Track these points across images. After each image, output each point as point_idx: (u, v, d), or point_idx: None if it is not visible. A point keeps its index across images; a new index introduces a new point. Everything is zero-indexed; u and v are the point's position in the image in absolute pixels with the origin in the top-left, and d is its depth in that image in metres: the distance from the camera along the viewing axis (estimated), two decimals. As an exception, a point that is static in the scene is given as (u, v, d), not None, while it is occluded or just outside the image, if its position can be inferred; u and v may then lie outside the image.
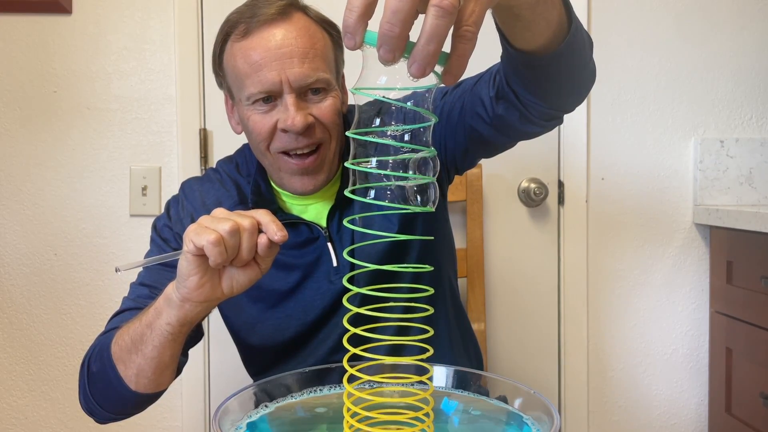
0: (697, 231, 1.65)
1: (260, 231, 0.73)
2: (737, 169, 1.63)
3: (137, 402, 0.87)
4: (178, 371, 0.91)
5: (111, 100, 1.61)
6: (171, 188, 1.60)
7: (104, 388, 0.87)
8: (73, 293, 1.63)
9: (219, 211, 0.75)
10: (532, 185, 1.60)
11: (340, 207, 0.99)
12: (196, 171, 1.58)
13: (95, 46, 1.60)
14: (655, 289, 1.65)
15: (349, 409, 0.57)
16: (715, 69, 1.64)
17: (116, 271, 0.75)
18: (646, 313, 1.65)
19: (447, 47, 0.48)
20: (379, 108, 0.54)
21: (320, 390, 0.75)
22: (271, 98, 0.91)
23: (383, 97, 0.51)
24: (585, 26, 1.56)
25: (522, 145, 1.69)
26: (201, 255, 0.71)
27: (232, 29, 0.92)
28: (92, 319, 1.62)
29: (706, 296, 1.64)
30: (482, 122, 0.88)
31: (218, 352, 1.62)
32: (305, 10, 0.95)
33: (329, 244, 0.98)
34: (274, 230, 0.72)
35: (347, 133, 0.56)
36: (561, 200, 1.64)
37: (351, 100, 1.01)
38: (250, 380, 1.20)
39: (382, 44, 0.46)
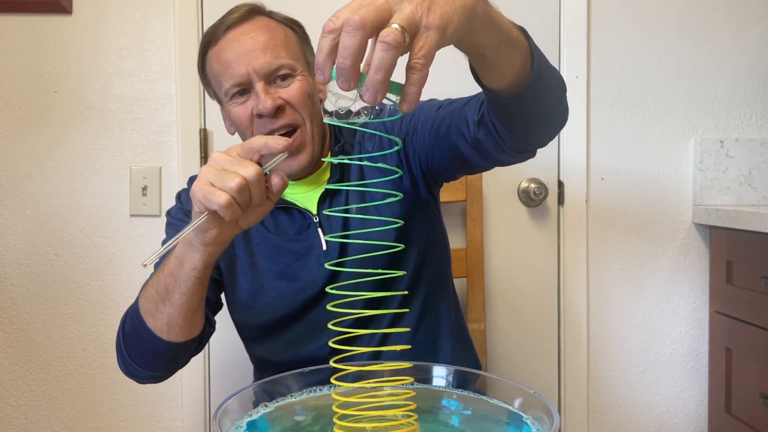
0: (696, 231, 1.65)
1: (259, 163, 0.73)
2: (737, 169, 1.63)
3: (172, 354, 0.91)
4: (203, 343, 0.96)
5: (111, 100, 1.61)
6: (171, 188, 1.60)
7: (138, 345, 0.91)
8: (73, 293, 1.63)
9: (217, 157, 0.74)
10: (532, 185, 1.60)
11: (330, 194, 1.06)
12: (196, 171, 1.58)
13: (95, 46, 1.60)
14: (655, 289, 1.65)
15: (336, 400, 0.58)
16: (715, 69, 1.64)
17: (143, 266, 0.75)
18: (646, 313, 1.65)
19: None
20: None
21: (320, 390, 0.76)
22: (245, 91, 1.00)
23: (354, 125, 0.61)
24: (585, 26, 1.58)
25: (522, 145, 1.65)
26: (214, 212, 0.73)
27: (208, 40, 1.04)
28: (92, 319, 1.63)
29: (706, 296, 1.64)
30: (464, 142, 0.93)
31: (218, 352, 1.62)
32: (269, 14, 1.05)
33: (319, 230, 1.04)
34: (276, 144, 0.73)
35: (329, 159, 0.72)
36: (561, 200, 1.64)
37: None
38: (250, 380, 1.20)
39: (339, 75, 0.54)
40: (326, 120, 0.61)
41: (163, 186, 1.61)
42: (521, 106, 0.78)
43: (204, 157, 1.60)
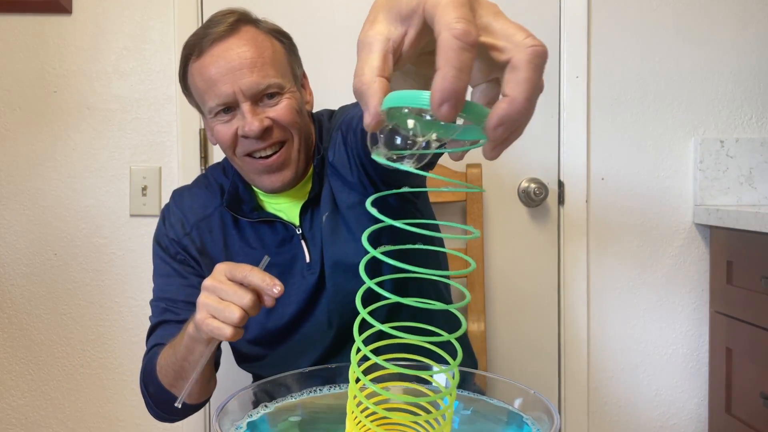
0: (697, 231, 1.65)
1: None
2: (737, 169, 1.63)
3: (196, 407, 1.03)
4: (216, 365, 1.05)
5: (111, 100, 1.61)
6: (171, 188, 1.59)
7: (166, 404, 0.99)
8: (73, 293, 1.63)
9: (210, 286, 0.81)
10: (532, 185, 1.60)
11: (312, 205, 1.03)
12: (196, 171, 1.59)
13: (95, 46, 1.60)
14: (655, 289, 1.65)
15: (355, 397, 0.57)
16: (715, 69, 1.64)
17: (177, 406, 0.83)
18: (646, 313, 1.65)
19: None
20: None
21: (320, 390, 0.75)
22: (230, 108, 0.97)
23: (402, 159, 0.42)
24: (585, 26, 1.59)
25: (522, 145, 1.68)
26: None
27: (190, 51, 0.98)
28: (92, 319, 1.63)
29: (706, 296, 1.64)
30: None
31: (218, 352, 1.61)
32: (256, 23, 1.00)
33: (302, 242, 1.03)
34: (271, 289, 0.79)
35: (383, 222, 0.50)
36: (561, 200, 1.64)
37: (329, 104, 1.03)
38: (250, 380, 1.20)
39: (510, 118, 0.38)
40: (378, 159, 0.43)
41: (163, 186, 1.61)
42: None
43: (204, 157, 1.60)
